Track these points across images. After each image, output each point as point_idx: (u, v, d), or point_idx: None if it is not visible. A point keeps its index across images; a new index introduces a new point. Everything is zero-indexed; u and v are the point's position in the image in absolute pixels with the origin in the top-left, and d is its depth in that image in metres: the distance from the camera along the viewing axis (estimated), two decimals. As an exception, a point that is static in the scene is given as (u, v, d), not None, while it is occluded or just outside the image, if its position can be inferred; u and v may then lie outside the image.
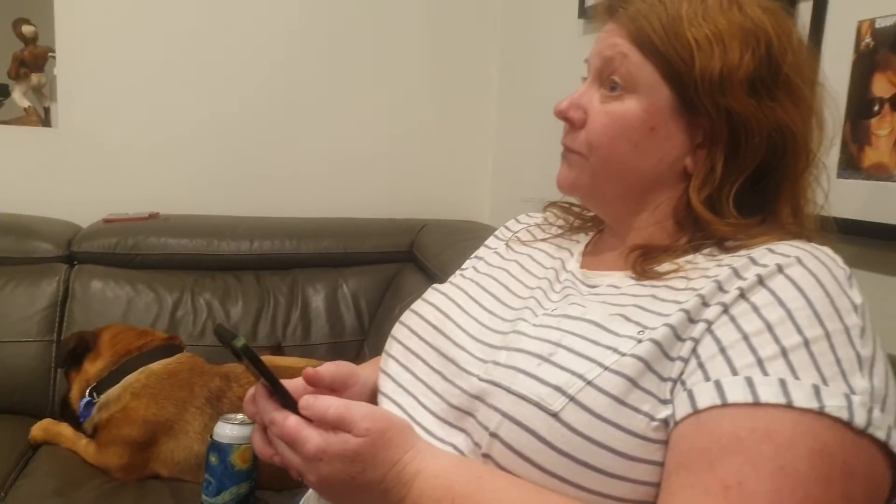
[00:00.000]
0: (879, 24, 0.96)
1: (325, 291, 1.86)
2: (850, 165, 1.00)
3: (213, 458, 1.13)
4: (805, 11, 1.07)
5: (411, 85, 2.18)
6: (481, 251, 0.98)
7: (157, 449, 1.27)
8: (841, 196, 1.00)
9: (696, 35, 0.69)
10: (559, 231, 0.91)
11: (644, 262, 0.72)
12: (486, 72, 2.22)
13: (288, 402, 0.65)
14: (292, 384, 0.73)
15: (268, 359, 1.60)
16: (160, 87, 2.00)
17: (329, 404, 0.63)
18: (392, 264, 1.94)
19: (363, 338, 1.83)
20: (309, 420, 0.64)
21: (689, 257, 0.71)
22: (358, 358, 1.74)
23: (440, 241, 1.84)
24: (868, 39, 0.97)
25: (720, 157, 0.71)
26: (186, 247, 1.83)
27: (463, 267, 0.96)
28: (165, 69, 2.00)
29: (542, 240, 0.91)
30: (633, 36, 0.72)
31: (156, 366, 1.31)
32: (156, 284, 1.74)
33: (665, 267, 0.70)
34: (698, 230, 0.73)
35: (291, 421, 0.64)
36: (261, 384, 0.67)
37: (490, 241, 0.98)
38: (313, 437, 0.62)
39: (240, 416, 1.15)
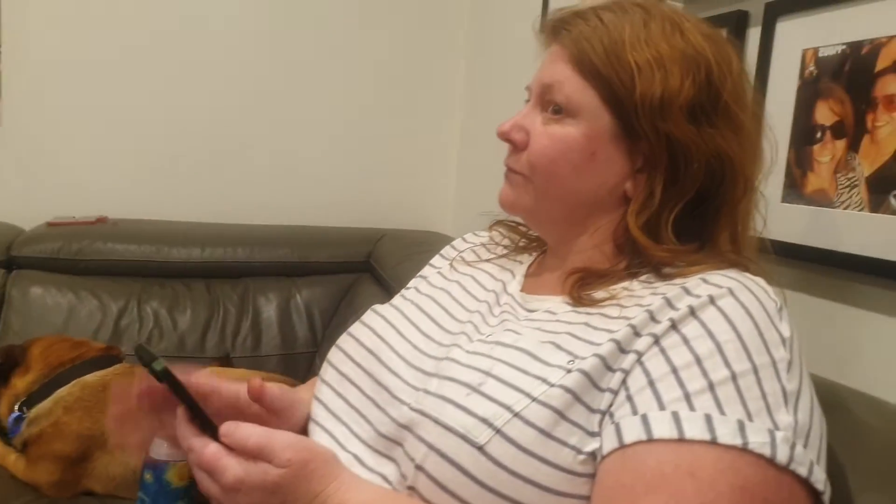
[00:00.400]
0: (822, 52, 0.97)
1: (277, 301, 1.83)
2: (794, 191, 1.01)
3: (147, 476, 1.08)
4: (754, 38, 1.08)
5: (374, 92, 2.16)
6: (426, 270, 0.97)
7: (91, 464, 1.23)
8: (784, 221, 1.01)
9: (637, 59, 0.69)
10: (504, 251, 0.91)
11: (581, 287, 0.71)
12: (450, 80, 2.21)
13: (208, 428, 0.63)
14: (233, 389, 0.71)
15: (216, 370, 1.56)
16: (111, 88, 1.95)
17: (250, 433, 0.61)
18: (348, 275, 1.92)
19: (315, 350, 1.80)
20: (230, 448, 0.62)
21: (626, 284, 0.71)
22: (309, 371, 1.72)
23: (398, 251, 1.82)
24: (812, 67, 0.98)
25: (659, 183, 0.71)
26: (134, 253, 1.79)
27: (407, 286, 0.95)
28: (117, 69, 1.95)
29: (487, 260, 0.90)
30: (576, 59, 0.72)
31: (90, 378, 1.27)
32: (100, 292, 1.69)
33: (601, 294, 0.70)
34: (637, 255, 0.72)
35: (211, 448, 0.62)
36: (181, 409, 0.65)
37: (436, 259, 0.97)
38: (232, 467, 0.60)
39: None
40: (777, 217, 1.02)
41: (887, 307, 0.88)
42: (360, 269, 1.92)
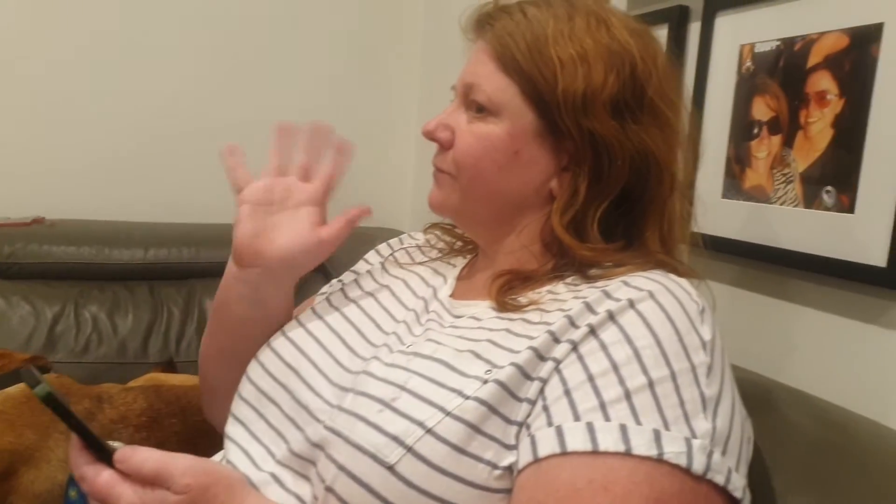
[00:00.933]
0: (759, 48, 0.96)
1: (223, 303, 1.78)
2: (733, 187, 1.00)
3: (72, 493, 1.05)
4: (694, 33, 1.07)
5: (327, 88, 2.11)
6: (359, 266, 0.94)
7: (16, 481, 1.17)
8: (724, 216, 1.01)
9: (560, 54, 0.68)
10: (438, 254, 0.88)
11: (506, 291, 0.69)
12: (407, 75, 2.17)
13: (103, 456, 0.59)
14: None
15: (156, 377, 1.51)
16: (48, 83, 1.87)
17: (146, 457, 0.57)
18: (298, 274, 1.87)
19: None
20: (126, 474, 0.58)
21: (551, 286, 0.69)
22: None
23: (351, 250, 1.75)
24: (749, 63, 0.97)
25: (584, 181, 0.69)
26: (72, 255, 1.72)
27: (341, 279, 0.92)
28: (53, 64, 1.87)
29: (421, 263, 0.87)
30: (498, 55, 0.70)
31: (13, 390, 1.21)
32: (34, 297, 1.62)
33: (526, 298, 0.67)
34: (563, 256, 0.71)
35: (104, 476, 0.58)
36: (75, 435, 0.61)
37: (370, 255, 0.95)
38: (126, 494, 0.56)
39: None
40: (717, 213, 1.02)
41: (820, 302, 0.88)
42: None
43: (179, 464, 0.57)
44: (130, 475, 0.57)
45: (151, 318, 1.71)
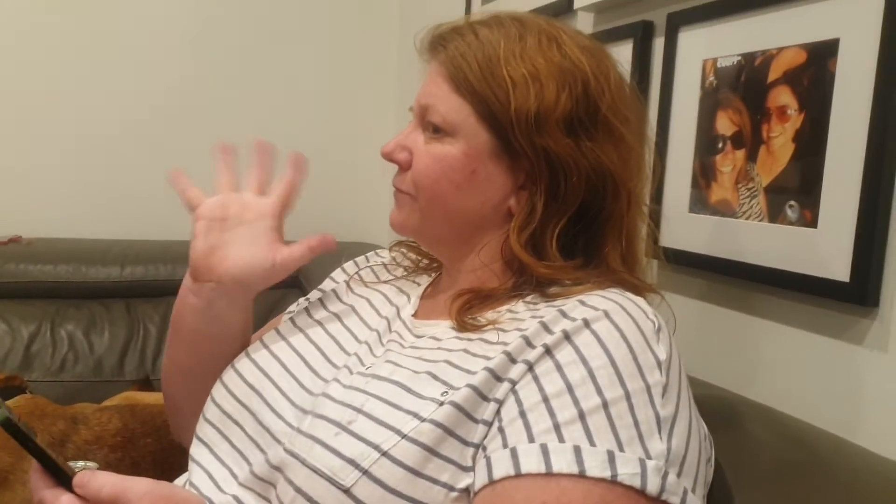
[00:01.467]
0: (721, 63, 0.97)
1: (201, 320, 1.77)
2: (700, 201, 1.01)
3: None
4: (658, 48, 1.08)
5: (304, 102, 2.11)
6: (326, 283, 0.94)
7: (-12, 503, 1.17)
8: (691, 230, 1.01)
9: (512, 74, 0.68)
10: (404, 272, 0.88)
11: (465, 311, 0.69)
12: (383, 89, 2.18)
13: (62, 479, 0.59)
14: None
15: (132, 395, 1.51)
16: (24, 100, 1.87)
17: (103, 482, 0.57)
18: (275, 290, 1.82)
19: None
20: (85, 499, 0.58)
21: (511, 305, 0.69)
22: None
23: (328, 265, 1.76)
24: (712, 78, 0.98)
25: (541, 198, 0.70)
26: (49, 274, 1.72)
27: (307, 297, 0.92)
28: (29, 81, 1.87)
29: (385, 282, 0.87)
30: (452, 76, 0.71)
31: (-16, 413, 1.20)
32: (9, 315, 1.61)
33: (485, 317, 0.68)
34: (523, 274, 0.71)
35: (63, 501, 0.57)
36: (34, 461, 0.60)
37: (337, 273, 0.95)
38: None
39: (80, 462, 1.07)
40: (684, 227, 1.03)
41: (785, 317, 0.89)
42: (288, 284, 1.85)
43: (137, 488, 0.57)
44: (89, 500, 0.57)
45: (128, 336, 1.71)
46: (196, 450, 0.73)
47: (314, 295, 0.92)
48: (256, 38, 2.04)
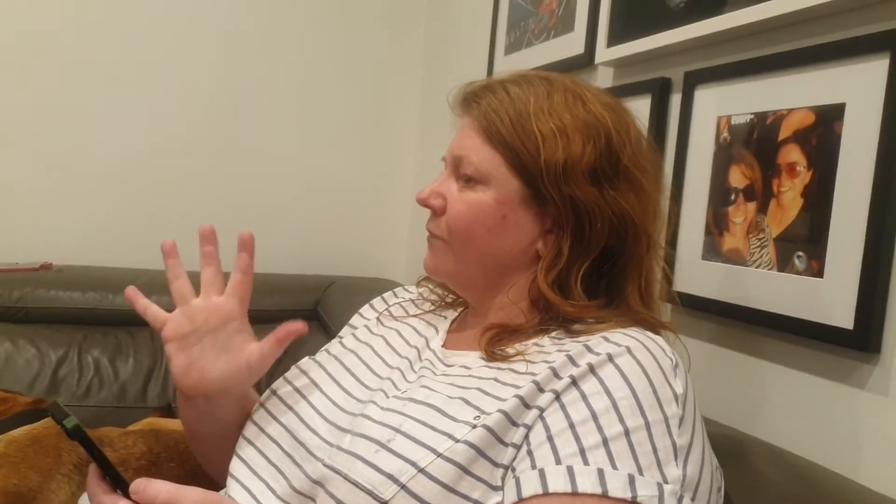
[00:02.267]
0: (735, 120, 1.03)
1: (222, 350, 1.82)
2: (712, 249, 1.06)
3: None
4: (675, 104, 1.15)
5: (327, 135, 2.19)
6: (355, 320, 0.99)
7: (19, 521, 1.20)
8: (704, 277, 1.06)
9: (541, 128, 0.74)
10: (431, 307, 0.93)
11: (495, 343, 0.74)
12: (405, 126, 2.27)
13: (120, 486, 0.64)
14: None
15: (155, 422, 1.54)
16: (56, 130, 1.96)
17: (160, 489, 0.62)
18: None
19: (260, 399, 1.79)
20: None
21: (537, 339, 0.74)
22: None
23: (347, 299, 1.83)
24: (726, 133, 1.04)
25: (567, 242, 0.75)
26: (77, 300, 1.77)
27: (340, 335, 0.97)
28: (60, 111, 1.96)
29: (414, 315, 0.92)
30: (485, 129, 0.77)
31: (17, 432, 1.24)
32: (39, 340, 1.67)
33: (513, 349, 0.73)
34: (548, 311, 0.76)
35: None
36: (93, 466, 0.66)
37: (365, 310, 1.00)
38: None
39: None
40: (697, 273, 1.08)
41: (792, 361, 0.93)
42: (308, 317, 1.92)
43: (191, 496, 0.62)
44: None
45: (151, 364, 1.75)
46: (235, 466, 0.78)
47: (346, 331, 0.97)
48: (285, 76, 2.13)
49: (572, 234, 0.75)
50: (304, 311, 1.92)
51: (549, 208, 0.76)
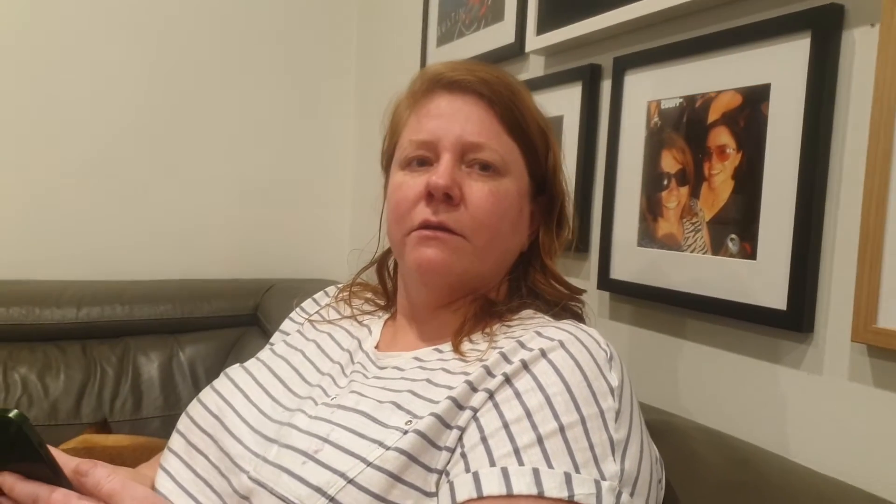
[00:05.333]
0: (664, 104, 1.02)
1: (159, 360, 1.76)
2: (647, 235, 1.06)
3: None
4: (606, 90, 1.14)
5: (261, 137, 2.13)
6: (287, 325, 0.95)
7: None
8: (640, 263, 1.06)
9: (541, 123, 0.79)
10: (366, 306, 0.91)
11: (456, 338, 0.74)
12: (342, 124, 2.22)
13: (57, 480, 0.60)
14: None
15: (90, 438, 1.48)
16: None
17: (106, 477, 0.60)
18: (234, 329, 1.86)
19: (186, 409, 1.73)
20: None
21: (472, 336, 0.72)
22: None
23: (286, 303, 1.77)
24: (656, 118, 1.04)
25: (550, 233, 0.81)
26: (1, 316, 1.68)
27: (271, 341, 0.93)
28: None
29: (347, 317, 0.89)
30: (504, 119, 0.76)
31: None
32: (-40, 360, 1.58)
33: (465, 346, 0.71)
34: (490, 305, 0.75)
35: (57, 495, 0.59)
36: (5, 474, 0.61)
37: (296, 314, 0.96)
38: None
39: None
40: (633, 260, 1.07)
41: (729, 344, 0.93)
42: (247, 322, 1.87)
43: (134, 491, 0.60)
44: (87, 490, 0.59)
45: (84, 378, 1.68)
46: (160, 480, 0.74)
47: (277, 337, 0.94)
48: (217, 76, 2.05)
49: (557, 225, 0.80)
50: (242, 315, 1.87)
51: (539, 202, 0.80)
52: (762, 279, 0.88)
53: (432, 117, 0.76)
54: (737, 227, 0.92)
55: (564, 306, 0.79)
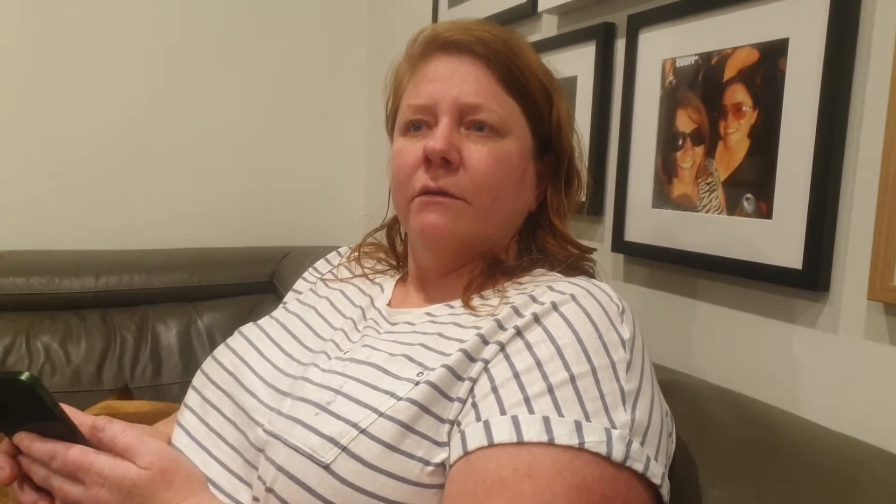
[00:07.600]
0: (679, 63, 1.01)
1: (177, 328, 1.78)
2: (662, 196, 1.05)
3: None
4: (620, 49, 1.12)
5: (276, 106, 2.12)
6: (300, 284, 0.96)
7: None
8: (655, 225, 1.05)
9: (546, 82, 0.77)
10: (377, 266, 0.91)
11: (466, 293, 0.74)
12: (355, 93, 2.21)
13: (73, 437, 0.63)
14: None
15: (111, 404, 1.51)
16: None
17: (121, 430, 0.62)
18: (251, 296, 1.88)
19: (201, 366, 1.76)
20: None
21: (485, 292, 0.72)
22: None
23: (302, 269, 1.78)
24: (671, 77, 1.02)
25: (558, 193, 0.80)
26: (22, 286, 1.71)
27: (285, 300, 0.94)
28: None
29: (359, 275, 0.90)
30: (503, 78, 0.75)
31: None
32: (-17, 329, 1.61)
33: (476, 302, 0.72)
34: (498, 264, 0.75)
35: (75, 449, 0.61)
36: (22, 434, 0.64)
37: (309, 273, 0.97)
38: (99, 461, 0.60)
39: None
40: (647, 221, 1.07)
41: (744, 304, 0.93)
42: (264, 289, 1.89)
43: (149, 445, 0.62)
44: (103, 444, 0.62)
45: (105, 346, 1.70)
46: (176, 435, 0.75)
47: (290, 296, 0.94)
48: (227, 41, 2.05)
49: (565, 184, 0.78)
50: (259, 283, 1.89)
51: (545, 161, 0.78)
52: (778, 239, 0.87)
53: (429, 81, 0.75)
54: (752, 186, 0.90)
55: (576, 265, 0.79)
